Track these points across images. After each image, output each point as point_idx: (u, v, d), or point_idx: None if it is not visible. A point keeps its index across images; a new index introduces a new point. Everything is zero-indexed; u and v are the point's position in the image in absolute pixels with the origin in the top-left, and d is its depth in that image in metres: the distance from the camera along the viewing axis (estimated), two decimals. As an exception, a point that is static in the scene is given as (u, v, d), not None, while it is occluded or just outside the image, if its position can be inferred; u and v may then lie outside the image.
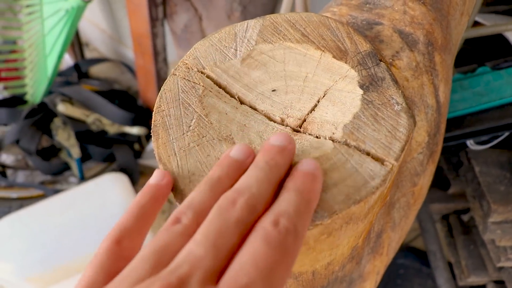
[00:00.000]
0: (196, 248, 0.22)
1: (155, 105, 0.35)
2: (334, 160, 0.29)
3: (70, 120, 1.31)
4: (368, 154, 0.30)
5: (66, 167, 1.30)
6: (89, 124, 1.34)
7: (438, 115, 0.46)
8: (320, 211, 0.27)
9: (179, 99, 0.35)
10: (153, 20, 1.08)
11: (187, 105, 0.34)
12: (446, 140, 0.64)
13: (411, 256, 1.02)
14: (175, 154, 0.32)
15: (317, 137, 0.32)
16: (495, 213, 0.63)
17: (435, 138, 0.46)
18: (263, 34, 0.38)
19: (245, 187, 0.25)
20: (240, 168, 0.28)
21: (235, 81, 0.36)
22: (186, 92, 0.35)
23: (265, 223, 0.23)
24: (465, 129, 0.62)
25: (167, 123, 0.33)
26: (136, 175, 1.31)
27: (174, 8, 1.09)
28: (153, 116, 0.34)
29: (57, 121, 1.33)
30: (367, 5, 0.45)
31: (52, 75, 1.35)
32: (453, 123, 0.64)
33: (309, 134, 0.32)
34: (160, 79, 1.25)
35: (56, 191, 1.23)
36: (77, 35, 1.64)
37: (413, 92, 0.43)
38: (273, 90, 0.36)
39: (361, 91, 0.33)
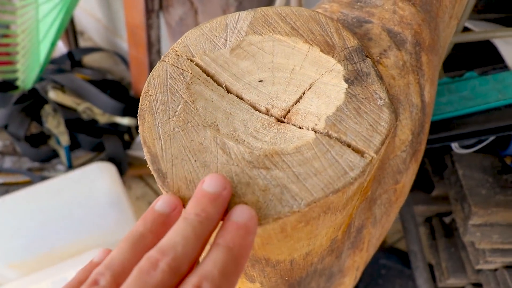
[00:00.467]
0: None
1: (143, 89, 0.35)
2: (315, 150, 0.30)
3: (61, 108, 1.31)
4: (349, 145, 0.30)
5: (54, 155, 1.30)
6: (79, 112, 1.34)
7: (423, 114, 0.46)
8: (298, 198, 0.28)
9: (167, 85, 0.35)
10: (149, 12, 1.08)
11: (175, 91, 0.34)
12: (431, 141, 0.65)
13: (394, 257, 1.03)
14: (160, 137, 0.32)
15: (300, 127, 0.32)
16: (475, 215, 0.64)
17: (419, 137, 0.47)
18: (253, 26, 0.38)
19: (169, 246, 0.23)
20: (165, 222, 0.26)
21: (223, 70, 0.36)
22: (174, 78, 0.35)
23: (188, 287, 0.22)
24: (450, 132, 0.63)
25: (154, 108, 0.34)
26: (125, 166, 1.30)
27: (170, 1, 1.09)
28: (140, 100, 0.35)
29: (47, 108, 1.32)
30: (358, 3, 0.46)
31: (45, 61, 1.34)
32: (439, 125, 0.65)
33: (293, 124, 0.33)
34: (153, 71, 1.25)
35: (43, 178, 1.23)
36: (72, 24, 1.63)
37: (399, 90, 0.44)
38: (260, 81, 0.36)
39: (345, 85, 0.34)
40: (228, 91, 0.36)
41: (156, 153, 0.31)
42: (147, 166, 0.32)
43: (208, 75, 0.36)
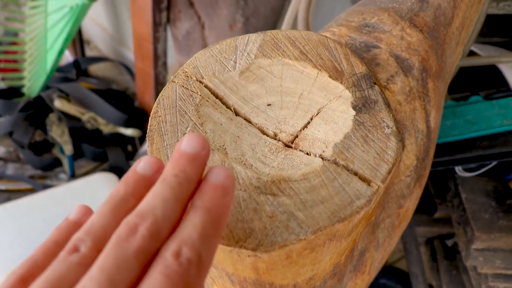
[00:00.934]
0: (90, 285, 0.20)
1: (152, 110, 0.35)
2: (322, 178, 0.30)
3: (65, 117, 1.31)
4: (355, 174, 0.30)
5: (57, 163, 1.30)
6: (84, 122, 1.34)
7: (428, 140, 0.47)
8: (305, 226, 0.28)
9: (176, 106, 0.35)
10: (156, 25, 1.09)
11: (184, 113, 0.35)
12: (435, 165, 0.65)
13: (394, 277, 1.03)
14: (168, 159, 0.32)
15: (307, 153, 0.33)
16: (478, 240, 0.64)
17: (424, 162, 0.47)
18: (263, 49, 0.38)
19: (148, 209, 0.22)
20: (147, 184, 0.25)
21: (232, 93, 0.37)
22: (184, 100, 0.36)
23: (167, 253, 0.21)
24: (454, 156, 0.63)
25: (163, 129, 0.34)
26: (127, 176, 1.30)
27: (178, 14, 1.10)
28: (149, 121, 0.35)
29: (52, 117, 1.33)
30: (367, 27, 0.47)
31: (51, 70, 1.35)
32: (443, 148, 0.65)
33: (300, 150, 0.33)
34: (159, 83, 1.26)
35: (45, 186, 1.23)
36: (79, 33, 1.65)
37: (405, 116, 0.44)
38: (268, 105, 0.37)
39: (353, 112, 0.34)
40: (237, 114, 0.36)
41: (164, 175, 0.32)
42: None
43: (217, 97, 0.37)
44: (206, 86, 0.37)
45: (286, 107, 0.36)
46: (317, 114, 0.35)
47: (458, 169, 0.71)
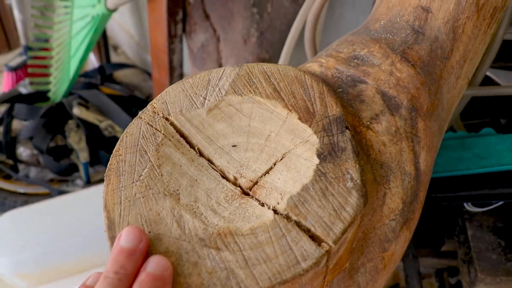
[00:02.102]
0: None
1: (115, 147, 0.35)
2: (270, 234, 0.28)
3: (84, 124, 1.34)
4: (308, 231, 0.28)
5: (75, 168, 1.33)
6: (101, 129, 1.36)
7: (417, 182, 0.44)
8: (243, 286, 0.26)
9: (138, 145, 0.34)
10: (171, 37, 1.09)
11: (144, 153, 0.34)
12: (438, 200, 0.61)
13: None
14: (120, 203, 0.31)
15: (262, 204, 0.31)
16: (482, 282, 0.60)
17: (411, 206, 0.44)
18: (235, 85, 0.37)
19: None
20: (132, 256, 0.28)
21: (197, 132, 0.35)
22: (146, 138, 0.34)
23: None
24: (459, 192, 0.60)
25: (121, 169, 0.33)
26: (141, 184, 1.31)
27: (193, 27, 1.10)
28: (110, 159, 0.34)
29: (71, 123, 1.36)
30: (355, 60, 0.44)
31: (73, 77, 1.38)
32: (448, 183, 0.61)
33: (256, 199, 0.31)
34: (176, 93, 1.26)
35: (61, 192, 1.25)
36: (104, 39, 1.68)
37: (390, 157, 0.41)
38: (233, 146, 0.35)
39: (317, 161, 0.32)
40: (201, 154, 0.35)
41: (114, 219, 0.31)
42: None
43: (182, 135, 0.35)
44: (171, 124, 0.36)
45: (251, 149, 0.35)
46: (281, 159, 0.34)
47: (467, 204, 0.67)
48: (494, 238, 0.64)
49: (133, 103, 1.51)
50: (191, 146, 0.35)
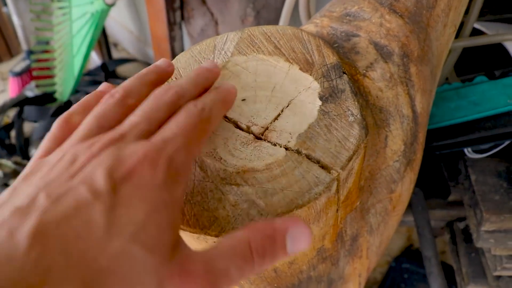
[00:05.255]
0: (134, 117, 0.28)
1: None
2: (284, 167, 0.32)
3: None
4: (317, 162, 0.32)
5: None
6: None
7: (415, 124, 0.47)
8: (264, 213, 0.30)
9: None
10: (171, 24, 1.13)
11: None
12: (440, 148, 0.64)
13: (416, 261, 1.02)
14: None
15: (274, 144, 0.34)
16: (488, 222, 0.63)
17: (412, 147, 0.47)
18: (239, 46, 0.40)
19: (176, 84, 0.31)
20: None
21: None
22: (163, 100, 0.38)
23: (188, 105, 0.29)
24: (458, 138, 0.63)
25: None
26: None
27: (191, 12, 1.13)
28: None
29: (81, 119, 1.40)
30: (347, 17, 0.47)
31: (79, 74, 1.42)
32: (448, 131, 0.64)
33: (268, 141, 0.35)
34: (179, 81, 1.30)
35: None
36: (104, 36, 1.71)
37: (387, 102, 0.45)
38: (243, 100, 0.38)
39: (320, 102, 0.35)
40: None
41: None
42: None
43: (195, 95, 0.39)
44: (185, 86, 0.39)
45: (259, 101, 0.38)
46: (287, 106, 0.37)
47: (468, 151, 0.70)
48: (496, 181, 0.67)
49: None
50: (205, 104, 0.38)
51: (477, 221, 0.66)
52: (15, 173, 1.40)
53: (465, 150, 0.70)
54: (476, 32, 0.75)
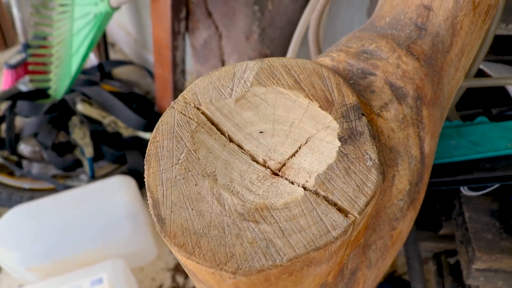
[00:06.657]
0: None
1: (152, 135, 0.38)
2: (302, 207, 0.32)
3: (87, 120, 1.36)
4: (334, 204, 0.32)
5: (78, 164, 1.35)
6: (105, 125, 1.39)
7: (422, 165, 0.48)
8: (282, 253, 0.30)
9: (173, 132, 0.38)
10: (175, 34, 1.12)
11: (180, 139, 0.37)
12: (437, 184, 0.65)
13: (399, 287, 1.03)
14: (162, 184, 0.35)
15: (292, 182, 0.35)
16: (479, 260, 0.64)
17: (417, 187, 0.48)
18: (259, 77, 0.40)
19: None
20: None
21: (227, 120, 0.39)
22: (181, 126, 0.38)
23: None
24: (456, 177, 0.64)
25: (160, 154, 0.36)
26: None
27: (196, 24, 1.13)
28: (148, 146, 0.37)
29: (74, 120, 1.38)
30: (364, 54, 0.48)
31: (75, 74, 1.40)
32: (446, 168, 0.65)
33: (286, 178, 0.35)
34: (177, 89, 1.30)
35: (67, 187, 1.28)
36: (103, 36, 1.70)
37: (398, 142, 0.45)
38: (260, 132, 0.39)
39: (339, 143, 0.36)
40: (231, 140, 0.38)
41: (158, 198, 0.34)
42: None
43: (212, 123, 0.39)
44: (203, 113, 0.39)
45: (277, 135, 0.38)
46: (305, 143, 0.37)
47: (463, 188, 0.71)
48: (489, 220, 0.68)
49: (133, 99, 1.54)
50: (222, 133, 0.39)
51: (469, 258, 0.67)
52: (2, 168, 1.38)
53: (461, 187, 0.72)
54: (478, 72, 0.77)
